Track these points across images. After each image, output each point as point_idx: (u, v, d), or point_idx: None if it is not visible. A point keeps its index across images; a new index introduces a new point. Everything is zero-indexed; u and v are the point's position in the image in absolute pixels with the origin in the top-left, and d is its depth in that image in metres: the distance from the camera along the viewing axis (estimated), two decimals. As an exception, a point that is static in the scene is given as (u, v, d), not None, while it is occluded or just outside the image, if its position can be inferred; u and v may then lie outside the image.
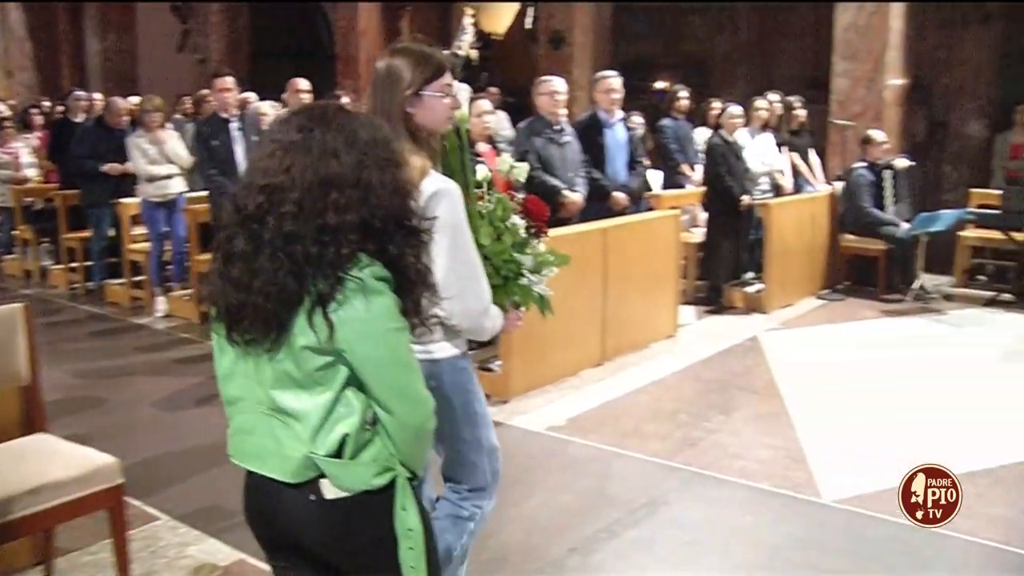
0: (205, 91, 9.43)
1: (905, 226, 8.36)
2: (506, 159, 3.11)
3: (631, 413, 5.59)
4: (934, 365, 6.65)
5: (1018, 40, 11.84)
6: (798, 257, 8.40)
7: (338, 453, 1.89)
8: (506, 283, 2.87)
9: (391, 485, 1.93)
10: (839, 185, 9.00)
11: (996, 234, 8.68)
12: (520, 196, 3.01)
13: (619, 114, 7.20)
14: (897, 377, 6.31)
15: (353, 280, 1.82)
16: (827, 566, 3.84)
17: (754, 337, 7.24)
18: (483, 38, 15.35)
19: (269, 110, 8.29)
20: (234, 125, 7.21)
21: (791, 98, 9.29)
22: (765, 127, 8.60)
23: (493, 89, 11.86)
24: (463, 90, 3.12)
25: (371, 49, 13.10)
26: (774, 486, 4.58)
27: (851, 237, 8.90)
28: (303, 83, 7.88)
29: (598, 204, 6.78)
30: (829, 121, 9.37)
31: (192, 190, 8.21)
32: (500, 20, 15.83)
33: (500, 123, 9.94)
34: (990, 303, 8.41)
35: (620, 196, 6.93)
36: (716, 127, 8.29)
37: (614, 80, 7.11)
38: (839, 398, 5.86)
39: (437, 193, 2.54)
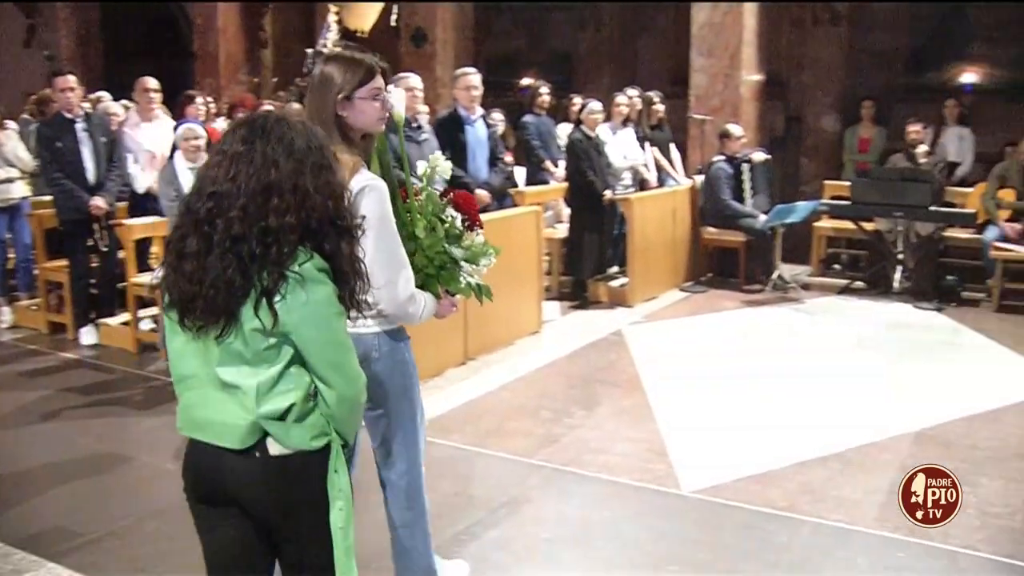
0: (48, 90, 9.00)
1: (763, 218, 8.56)
2: (437, 156, 3.18)
3: (494, 411, 5.55)
4: (792, 353, 6.81)
5: (864, 39, 12.30)
6: (661, 251, 8.50)
7: (283, 418, 2.14)
8: (440, 273, 3.03)
9: (327, 449, 2.20)
10: (699, 179, 9.16)
11: (849, 224, 8.97)
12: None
13: (479, 111, 7.16)
14: (756, 366, 6.44)
15: (294, 275, 2.07)
16: (686, 557, 3.87)
17: (618, 331, 7.29)
18: (348, 36, 15.17)
19: (120, 110, 7.96)
20: (80, 126, 6.87)
21: (651, 93, 9.40)
22: (626, 122, 8.68)
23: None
24: (398, 93, 3.22)
25: (230, 47, 12.78)
26: (635, 480, 4.60)
27: (712, 230, 9.07)
28: (151, 82, 7.58)
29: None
30: (688, 116, 9.53)
31: (38, 194, 7.82)
32: (365, 17, 15.61)
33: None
34: (844, 291, 8.69)
35: (482, 193, 6.87)
36: (577, 123, 8.32)
37: (474, 77, 7.07)
38: (700, 389, 5.94)
39: (364, 189, 2.73)
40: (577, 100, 9.11)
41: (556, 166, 8.89)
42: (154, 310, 6.87)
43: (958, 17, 12.02)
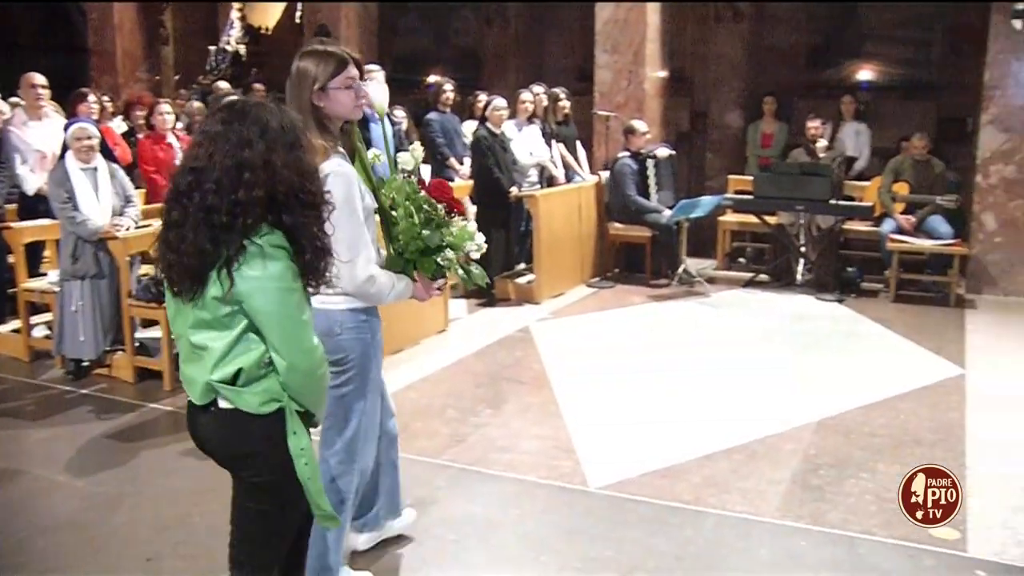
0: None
1: (668, 213, 8.64)
2: (417, 149, 3.38)
3: (400, 412, 5.38)
4: (698, 347, 6.88)
5: (765, 37, 12.53)
6: (567, 247, 8.52)
7: (233, 382, 2.36)
8: (420, 258, 3.20)
9: (280, 413, 2.39)
10: (605, 175, 9.21)
11: (753, 218, 9.11)
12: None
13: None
14: (663, 361, 6.49)
15: (254, 245, 2.27)
16: (593, 554, 3.86)
17: (525, 328, 7.28)
18: (251, 33, 14.91)
19: (6, 108, 7.67)
20: (-37, 124, 6.61)
21: (556, 90, 9.42)
22: (531, 119, 8.67)
23: (258, 86, 11.45)
24: (378, 84, 3.44)
25: (127, 44, 12.45)
26: (541, 477, 4.59)
27: (618, 225, 9.12)
28: (38, 77, 7.32)
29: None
30: (593, 112, 9.57)
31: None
32: (269, 14, 15.40)
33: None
34: (749, 284, 8.82)
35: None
36: (483, 120, 8.29)
37: (378, 74, 6.97)
38: (607, 385, 5.96)
39: (330, 174, 2.91)
40: (482, 97, 9.09)
41: (461, 164, 8.86)
42: (47, 316, 6.63)
43: (852, 17, 12.33)
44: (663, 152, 9.09)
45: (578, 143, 9.43)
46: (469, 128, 9.06)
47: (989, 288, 8.62)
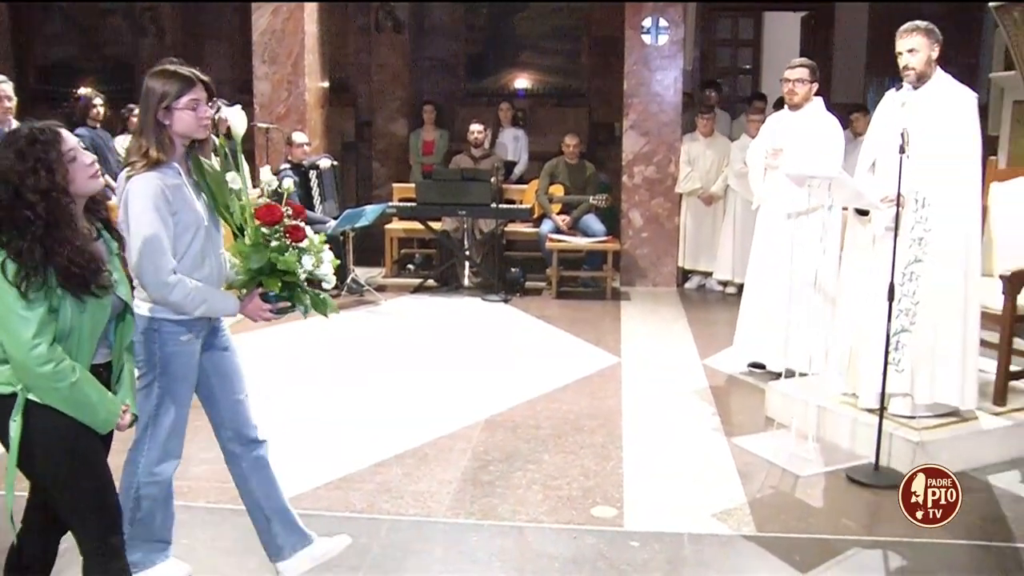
0: None
1: (333, 223, 8.61)
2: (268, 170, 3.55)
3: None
4: (368, 355, 6.91)
5: (427, 47, 12.84)
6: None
7: None
8: (248, 277, 3.32)
9: (13, 398, 2.67)
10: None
11: (418, 225, 9.28)
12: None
13: (14, 123, 6.54)
14: (334, 371, 6.46)
15: None
16: (266, 573, 3.76)
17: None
18: None
19: None
20: None
21: (217, 102, 9.10)
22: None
23: None
24: (236, 111, 3.59)
25: None
26: (211, 502, 4.42)
27: (287, 238, 8.95)
28: None
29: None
30: (253, 124, 9.36)
31: None
32: None
33: None
34: (418, 289, 8.98)
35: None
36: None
37: (5, 86, 6.45)
38: (279, 398, 5.82)
39: (127, 187, 3.10)
40: (137, 110, 8.61)
41: (115, 179, 8.36)
42: None
43: (507, 27, 12.89)
44: (325, 163, 9.04)
45: (241, 156, 9.15)
46: (123, 143, 8.57)
47: (640, 280, 9.32)
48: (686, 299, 8.93)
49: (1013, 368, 5.16)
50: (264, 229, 3.29)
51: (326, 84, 9.96)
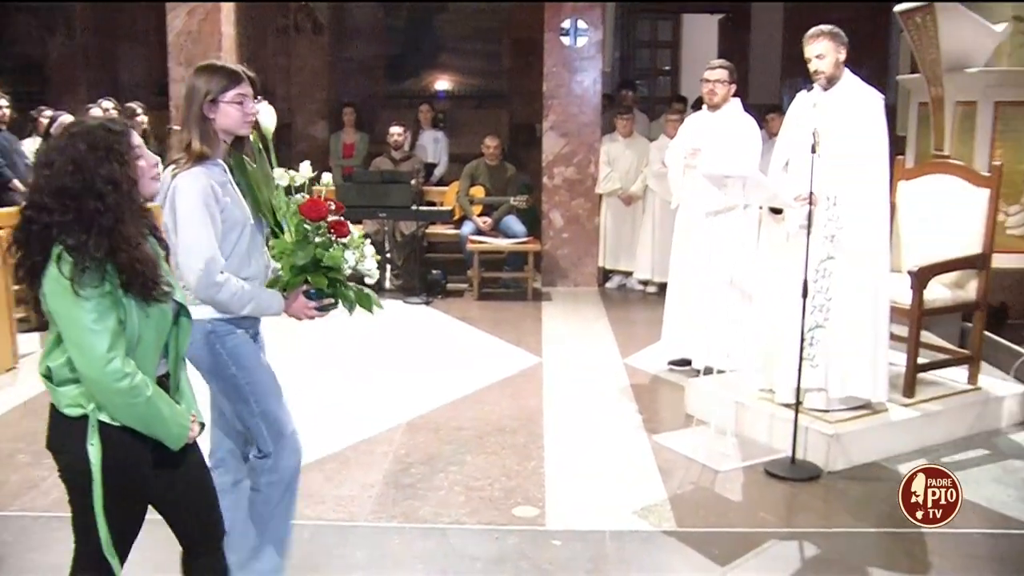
0: None
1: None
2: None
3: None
4: (289, 361, 6.81)
5: (347, 48, 12.76)
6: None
7: (49, 378, 2.52)
8: (292, 275, 3.26)
9: (86, 420, 2.49)
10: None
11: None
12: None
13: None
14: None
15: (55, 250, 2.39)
16: None
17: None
18: None
19: None
20: None
21: (133, 104, 8.97)
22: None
23: None
24: (266, 107, 3.34)
25: None
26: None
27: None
28: None
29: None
30: (168, 128, 9.21)
31: None
32: None
33: None
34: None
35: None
36: (46, 137, 7.69)
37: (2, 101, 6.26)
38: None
39: (173, 184, 3.04)
40: (48, 113, 8.44)
41: (26, 186, 8.16)
42: None
43: (427, 29, 12.87)
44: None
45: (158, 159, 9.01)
46: (32, 147, 8.36)
47: (561, 280, 9.37)
48: (607, 299, 9.00)
49: (921, 361, 5.32)
50: (307, 225, 3.20)
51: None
